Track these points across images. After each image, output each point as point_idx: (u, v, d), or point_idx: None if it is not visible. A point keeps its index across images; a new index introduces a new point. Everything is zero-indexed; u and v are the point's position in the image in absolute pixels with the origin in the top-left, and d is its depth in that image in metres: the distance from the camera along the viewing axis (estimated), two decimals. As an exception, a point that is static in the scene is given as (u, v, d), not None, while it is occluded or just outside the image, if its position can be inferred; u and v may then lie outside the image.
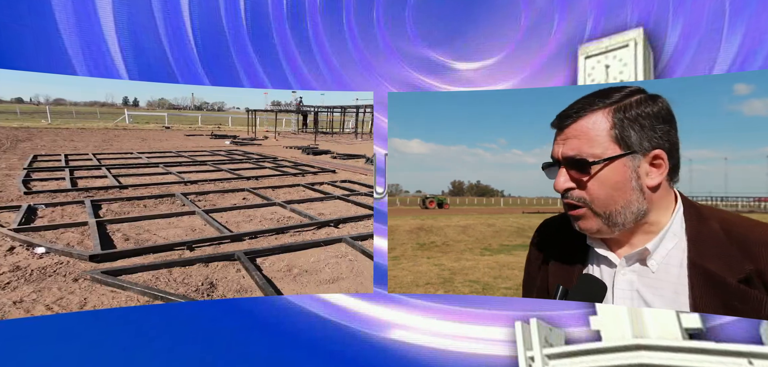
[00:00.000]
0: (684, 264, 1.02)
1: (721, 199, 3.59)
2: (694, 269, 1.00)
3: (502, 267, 4.54)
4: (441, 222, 5.62)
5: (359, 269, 3.06)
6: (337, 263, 3.11)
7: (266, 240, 3.46)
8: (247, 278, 2.70)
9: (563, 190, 1.07)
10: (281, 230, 3.70)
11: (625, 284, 1.07)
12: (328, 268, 3.00)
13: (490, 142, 4.11)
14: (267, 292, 2.54)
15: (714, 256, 0.99)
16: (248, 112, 7.66)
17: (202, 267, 2.81)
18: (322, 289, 2.68)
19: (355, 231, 3.88)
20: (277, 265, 2.97)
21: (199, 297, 2.46)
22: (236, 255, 2.98)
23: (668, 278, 1.03)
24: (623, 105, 1.02)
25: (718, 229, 1.01)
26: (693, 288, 1.00)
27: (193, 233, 3.50)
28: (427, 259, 4.68)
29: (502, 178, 5.65)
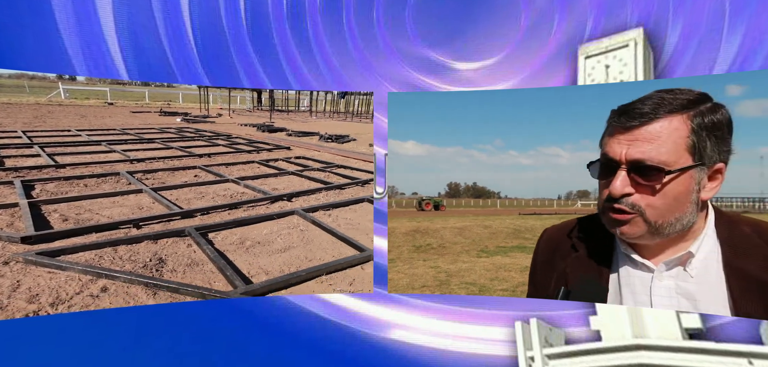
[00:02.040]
0: (721, 267, 1.01)
1: (716, 199, 3.60)
2: (731, 271, 0.99)
3: (498, 269, 4.55)
4: (437, 224, 5.63)
5: (309, 238, 3.17)
6: (288, 233, 3.19)
7: (219, 216, 3.46)
8: (199, 252, 2.70)
9: (621, 195, 0.98)
10: (234, 206, 3.71)
11: (664, 290, 1.05)
12: (281, 239, 3.06)
13: (486, 143, 4.10)
14: (219, 264, 2.55)
15: (751, 257, 0.98)
16: (201, 89, 7.49)
17: (150, 244, 2.77)
18: (273, 258, 2.77)
19: (307, 204, 3.98)
20: (230, 239, 2.99)
21: (148, 273, 2.43)
22: (187, 231, 2.96)
23: (708, 281, 1.01)
24: (701, 111, 0.96)
25: (750, 232, 1.01)
26: (732, 290, 0.99)
27: (141, 212, 3.42)
28: (423, 261, 4.69)
29: (499, 180, 5.66)
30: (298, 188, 4.53)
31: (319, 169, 5.58)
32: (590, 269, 1.11)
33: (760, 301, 0.97)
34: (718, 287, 1.00)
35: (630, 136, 0.97)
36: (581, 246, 1.15)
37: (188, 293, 2.27)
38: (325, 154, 6.46)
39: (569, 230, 1.20)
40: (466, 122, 3.34)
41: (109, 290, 2.24)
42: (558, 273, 1.18)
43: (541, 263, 1.24)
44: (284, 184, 4.76)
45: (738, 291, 0.98)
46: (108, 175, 4.53)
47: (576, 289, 1.07)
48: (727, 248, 1.01)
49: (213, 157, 5.83)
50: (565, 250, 1.18)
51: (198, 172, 5.02)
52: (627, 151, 0.97)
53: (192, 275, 2.49)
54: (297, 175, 5.16)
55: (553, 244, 1.23)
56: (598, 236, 1.13)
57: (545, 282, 1.21)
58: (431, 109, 2.98)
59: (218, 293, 2.29)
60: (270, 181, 4.86)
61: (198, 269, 2.54)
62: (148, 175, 4.67)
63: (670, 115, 0.96)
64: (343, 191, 4.61)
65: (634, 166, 0.97)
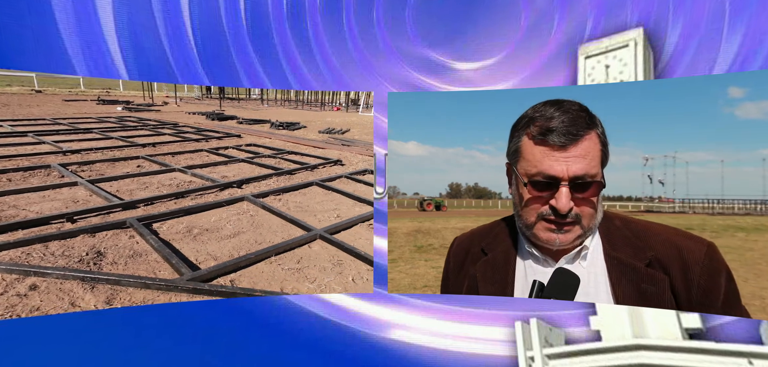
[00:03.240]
0: (603, 258, 1.14)
1: (718, 201, 3.60)
2: (609, 259, 1.13)
3: (500, 268, 4.54)
4: (438, 224, 5.63)
5: (259, 222, 3.17)
6: (238, 219, 3.18)
7: (164, 205, 3.38)
8: (142, 243, 2.63)
9: (568, 210, 1.06)
10: (180, 195, 3.64)
11: None
12: (230, 225, 3.06)
13: (487, 144, 4.12)
14: (163, 253, 2.49)
15: (622, 246, 1.13)
16: (143, 75, 7.17)
17: (87, 238, 2.64)
18: (222, 244, 2.74)
19: (258, 190, 3.97)
20: (176, 228, 2.94)
21: (84, 267, 2.31)
22: (128, 222, 2.86)
23: (595, 271, 1.14)
24: (600, 125, 1.10)
25: (620, 225, 1.15)
26: (610, 275, 1.12)
27: (76, 205, 3.23)
28: (424, 261, 4.69)
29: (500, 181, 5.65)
30: (249, 175, 4.48)
31: (269, 155, 5.58)
32: (499, 270, 1.22)
33: (633, 285, 1.10)
34: (602, 276, 1.14)
35: (566, 154, 1.05)
36: (491, 249, 1.25)
37: (130, 284, 2.20)
38: (276, 141, 6.43)
39: (480, 235, 1.30)
40: (466, 123, 3.34)
41: (39, 287, 2.12)
42: (470, 278, 1.26)
43: (454, 270, 1.32)
44: (234, 171, 4.72)
45: (615, 278, 1.12)
46: (37, 168, 4.17)
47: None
48: (605, 240, 1.14)
49: (158, 147, 5.58)
50: (475, 254, 1.28)
51: (141, 162, 4.79)
52: (568, 168, 1.05)
53: (134, 266, 2.40)
54: (247, 162, 5.13)
55: (463, 251, 1.31)
56: (504, 238, 1.24)
57: (457, 289, 1.30)
58: (431, 110, 2.98)
59: (162, 282, 2.24)
60: (219, 169, 4.80)
61: (141, 260, 2.45)
62: (84, 167, 4.39)
63: (588, 131, 1.06)
64: (293, 176, 4.65)
65: (575, 182, 1.06)
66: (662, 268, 1.09)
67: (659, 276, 1.09)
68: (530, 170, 1.10)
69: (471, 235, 1.33)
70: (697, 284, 1.06)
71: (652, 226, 1.15)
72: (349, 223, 3.26)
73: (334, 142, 6.39)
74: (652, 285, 1.09)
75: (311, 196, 4.01)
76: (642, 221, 1.16)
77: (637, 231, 1.14)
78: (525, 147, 1.11)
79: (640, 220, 1.17)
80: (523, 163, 1.12)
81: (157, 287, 2.21)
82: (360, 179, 4.70)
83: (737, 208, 3.84)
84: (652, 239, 1.11)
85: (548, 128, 1.06)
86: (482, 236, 1.29)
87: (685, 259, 1.07)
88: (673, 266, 1.08)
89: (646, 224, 1.16)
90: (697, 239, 1.10)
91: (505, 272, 1.21)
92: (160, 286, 2.22)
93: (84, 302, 2.09)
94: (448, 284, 1.34)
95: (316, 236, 2.94)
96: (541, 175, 1.08)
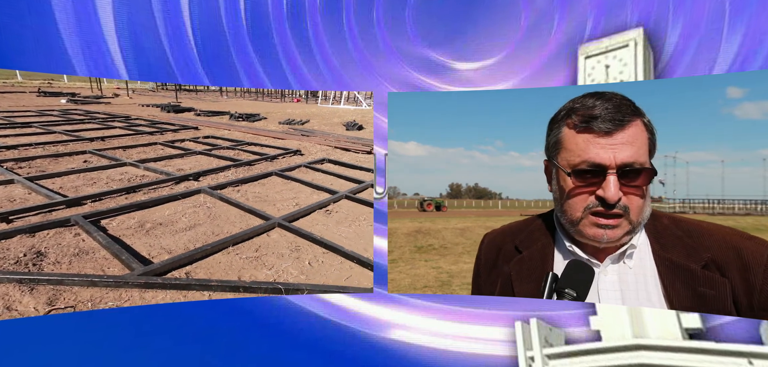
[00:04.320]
0: (652, 259, 1.06)
1: (718, 201, 3.60)
2: (660, 260, 1.05)
3: (500, 269, 4.54)
4: (439, 225, 5.63)
5: (217, 214, 3.13)
6: (194, 211, 3.13)
7: (114, 201, 3.24)
8: (88, 241, 2.52)
9: (617, 200, 0.99)
10: (132, 190, 3.52)
11: (609, 284, 1.08)
12: (185, 217, 3.00)
13: (487, 144, 4.11)
14: (112, 250, 2.40)
15: (675, 247, 1.05)
16: (92, 66, 6.73)
17: (25, 238, 2.49)
18: (177, 237, 2.68)
19: (216, 182, 3.91)
20: (127, 223, 2.86)
21: (21, 269, 2.20)
22: (73, 220, 2.72)
23: (644, 273, 1.06)
24: (646, 117, 1.03)
25: (669, 223, 1.08)
26: (662, 278, 1.04)
27: (11, 204, 3.04)
28: (424, 262, 4.69)
29: (500, 181, 5.67)
30: (206, 167, 4.39)
31: (228, 147, 5.49)
32: (535, 270, 1.14)
33: (687, 287, 1.02)
34: (652, 277, 1.06)
35: (613, 140, 0.99)
36: (525, 247, 1.18)
37: (74, 283, 2.10)
38: (235, 132, 6.34)
39: (512, 232, 1.24)
40: (466, 123, 3.34)
41: (-33, 292, 1.94)
42: (503, 276, 1.20)
43: (485, 267, 1.26)
44: (191, 164, 4.61)
45: (668, 281, 1.04)
46: (-37, 166, 3.85)
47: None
48: (654, 240, 1.07)
49: (107, 141, 5.31)
50: (508, 252, 1.21)
51: (88, 157, 4.53)
52: (615, 154, 0.98)
53: (80, 264, 2.28)
54: (205, 155, 5.04)
55: (495, 248, 1.25)
56: (540, 236, 1.17)
57: (490, 287, 1.24)
58: (431, 110, 2.98)
59: (111, 278, 2.16)
60: (175, 162, 4.65)
61: (87, 258, 2.34)
62: (21, 164, 4.08)
63: (634, 118, 1.01)
64: (252, 167, 4.61)
65: (624, 170, 0.99)
66: (720, 270, 1.01)
67: (718, 279, 1.01)
68: (573, 160, 1.02)
69: (503, 232, 1.27)
70: (759, 289, 0.98)
71: (704, 225, 1.07)
72: (307, 210, 3.28)
73: (294, 133, 6.34)
74: (711, 289, 1.01)
75: (270, 186, 4.00)
76: (693, 220, 1.09)
77: (689, 230, 1.06)
78: (566, 137, 1.05)
79: (690, 218, 1.10)
80: (564, 155, 1.05)
81: (104, 284, 2.12)
82: (318, 168, 4.72)
83: (738, 208, 3.84)
84: (706, 239, 1.04)
85: (592, 115, 1.00)
86: (515, 233, 1.23)
87: (746, 261, 0.99)
88: (731, 268, 1.00)
89: (697, 222, 1.08)
90: (758, 240, 1.01)
91: (543, 271, 1.11)
92: (108, 283, 2.13)
93: (22, 305, 1.97)
94: (480, 281, 1.28)
95: (275, 224, 2.94)
96: (585, 163, 1.00)
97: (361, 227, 3.17)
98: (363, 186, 4.06)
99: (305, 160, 5.01)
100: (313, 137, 6.09)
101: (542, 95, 2.44)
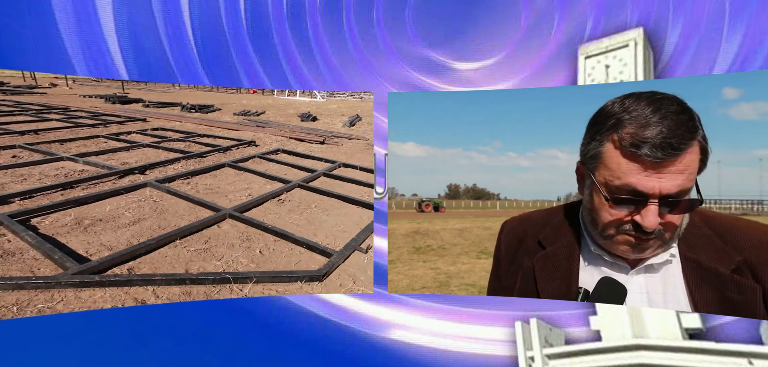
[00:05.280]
0: (679, 260, 1.01)
1: (715, 201, 3.61)
2: (687, 262, 0.99)
3: (499, 270, 4.53)
4: (437, 225, 5.63)
5: (164, 207, 2.99)
6: (139, 206, 3.00)
7: (48, 198, 3.04)
8: (15, 241, 2.36)
9: (654, 229, 0.91)
10: (68, 185, 3.29)
11: (636, 287, 1.03)
12: (129, 212, 2.87)
13: (485, 144, 4.11)
14: (43, 249, 2.24)
15: (703, 249, 0.98)
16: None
17: None
18: (119, 233, 2.56)
19: (164, 175, 3.79)
20: (62, 221, 2.68)
21: None
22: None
23: (671, 274, 1.01)
24: (701, 128, 0.92)
25: (701, 223, 1.00)
26: (688, 282, 0.98)
27: None
28: (423, 262, 4.69)
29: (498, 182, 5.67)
30: (154, 160, 4.24)
31: (179, 139, 5.31)
32: (560, 268, 1.08)
33: (714, 291, 0.96)
34: (679, 279, 1.00)
35: (662, 169, 0.88)
36: (549, 243, 1.12)
37: None
38: (187, 124, 6.13)
39: (535, 224, 1.17)
40: (465, 123, 3.34)
41: None
42: (525, 271, 1.14)
43: (505, 258, 1.20)
44: (137, 157, 4.43)
45: (694, 284, 0.98)
46: None
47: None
48: (681, 241, 1.00)
49: (41, 134, 4.94)
50: (530, 246, 1.15)
51: (18, 151, 4.20)
52: (661, 185, 0.89)
53: (5, 267, 2.15)
54: (153, 147, 4.85)
55: (516, 239, 1.19)
56: (565, 233, 1.10)
57: (511, 279, 1.18)
58: (431, 110, 2.98)
59: (40, 279, 2.02)
60: (120, 155, 4.41)
61: (14, 260, 2.20)
62: None
63: (692, 142, 0.89)
64: (204, 159, 4.53)
65: (667, 200, 0.90)
66: (753, 274, 0.94)
67: (749, 284, 0.94)
68: (613, 183, 0.93)
69: (522, 222, 1.20)
70: None
71: (739, 223, 0.99)
72: (260, 200, 3.26)
73: (249, 124, 6.29)
74: (740, 294, 0.94)
75: (223, 177, 3.94)
76: (727, 217, 1.00)
77: (721, 230, 0.99)
78: (608, 155, 0.94)
79: (724, 215, 1.01)
80: (603, 172, 0.95)
81: (33, 286, 1.98)
82: (272, 159, 4.68)
83: (734, 208, 3.84)
84: (740, 240, 0.96)
85: (642, 140, 0.87)
86: (538, 227, 1.15)
87: None
88: (767, 270, 0.93)
89: (732, 220, 1.00)
90: None
91: (569, 271, 1.07)
92: (37, 284, 1.99)
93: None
94: (500, 272, 1.21)
95: (225, 215, 2.90)
96: (626, 190, 0.91)
97: (312, 214, 3.15)
98: (315, 175, 4.06)
99: (259, 151, 4.96)
100: (269, 128, 6.03)
101: (540, 95, 2.44)
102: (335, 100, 7.24)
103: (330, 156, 4.91)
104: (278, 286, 2.25)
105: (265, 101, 7.21)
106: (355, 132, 6.00)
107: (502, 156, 4.13)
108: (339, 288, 2.29)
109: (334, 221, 3.05)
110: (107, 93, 6.63)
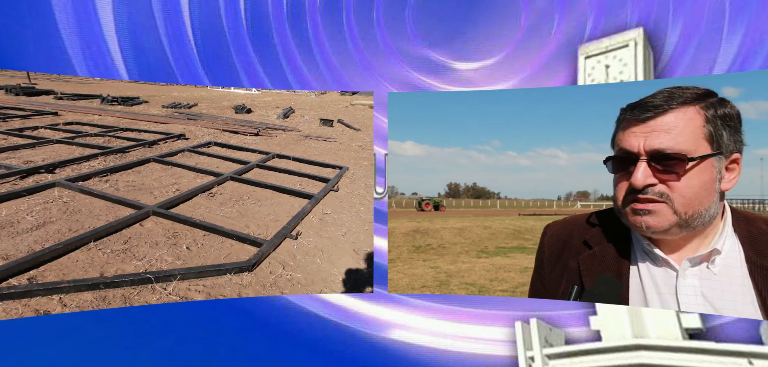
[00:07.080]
0: (744, 265, 1.00)
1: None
2: (756, 269, 0.98)
3: (498, 269, 4.56)
4: (437, 224, 5.64)
5: (76, 208, 2.74)
6: (45, 208, 2.71)
7: None
8: None
9: (644, 185, 0.97)
10: None
11: (689, 289, 1.02)
12: (32, 216, 2.59)
13: (485, 144, 4.11)
14: None
15: None
16: None
17: None
18: (18, 240, 2.31)
19: (78, 172, 3.43)
20: None
21: None
22: None
23: (732, 279, 1.00)
24: (711, 102, 0.99)
25: (767, 228, 1.01)
26: (760, 289, 0.97)
27: None
28: (423, 261, 4.69)
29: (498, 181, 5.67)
30: (65, 157, 3.84)
31: (97, 134, 4.88)
32: (608, 268, 1.09)
33: None
34: (744, 286, 0.99)
35: (646, 128, 0.98)
36: (596, 243, 1.13)
37: None
38: (108, 117, 5.64)
39: (579, 226, 1.18)
40: (465, 123, 3.34)
41: None
42: (570, 271, 1.14)
43: (549, 259, 1.21)
44: (45, 154, 4.00)
45: (766, 290, 0.96)
46: None
47: (591, 288, 1.04)
48: (748, 246, 1.00)
49: None
50: (575, 247, 1.15)
51: None
52: (644, 142, 0.98)
53: None
54: (66, 144, 4.40)
55: (560, 240, 1.20)
56: (614, 232, 1.11)
57: (556, 280, 1.18)
58: (431, 110, 2.98)
59: None
60: (22, 153, 3.93)
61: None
62: None
63: (683, 105, 0.98)
64: (126, 155, 4.18)
65: (654, 156, 0.97)
66: None
67: None
68: (614, 150, 1.05)
69: (566, 225, 1.22)
70: None
71: None
72: (189, 195, 3.06)
73: (180, 116, 5.94)
74: None
75: (147, 173, 3.68)
76: None
77: None
78: (618, 131, 1.06)
79: None
80: (614, 148, 1.07)
81: None
82: (204, 152, 4.46)
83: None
84: None
85: (636, 104, 1.00)
86: (583, 229, 1.17)
87: None
88: None
89: None
90: None
91: (618, 269, 1.08)
92: None
93: None
94: (543, 274, 1.22)
95: (149, 212, 2.69)
96: (620, 151, 1.02)
97: (245, 205, 3.03)
98: (249, 166, 3.91)
99: (189, 145, 4.72)
100: (200, 121, 5.77)
101: (540, 95, 2.43)
102: (270, 92, 7.05)
103: (264, 148, 4.72)
104: (206, 281, 2.16)
105: (198, 93, 6.77)
106: (289, 124, 5.87)
107: (502, 155, 4.13)
108: (269, 275, 2.21)
109: (266, 211, 2.94)
110: (9, 84, 5.73)
